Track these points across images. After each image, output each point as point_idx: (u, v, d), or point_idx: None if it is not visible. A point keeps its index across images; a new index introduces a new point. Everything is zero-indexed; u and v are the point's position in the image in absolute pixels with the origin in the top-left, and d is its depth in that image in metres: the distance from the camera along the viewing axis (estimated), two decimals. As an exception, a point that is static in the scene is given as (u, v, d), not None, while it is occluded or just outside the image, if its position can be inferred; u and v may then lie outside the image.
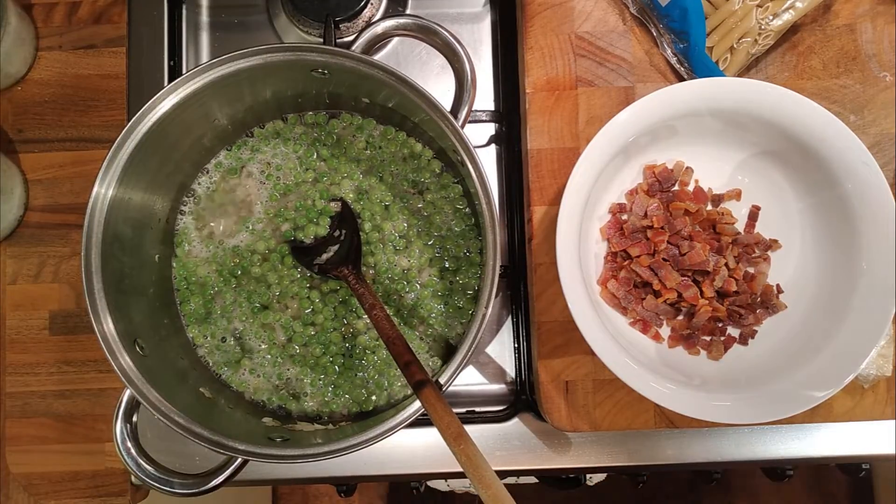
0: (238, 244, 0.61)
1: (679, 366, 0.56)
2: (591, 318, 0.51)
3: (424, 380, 0.42)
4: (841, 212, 0.54)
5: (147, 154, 0.52)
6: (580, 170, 0.53)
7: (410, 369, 0.45)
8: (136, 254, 0.56)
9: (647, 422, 0.59)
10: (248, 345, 0.60)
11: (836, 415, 0.59)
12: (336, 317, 0.60)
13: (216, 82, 0.52)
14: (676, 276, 0.55)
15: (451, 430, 0.37)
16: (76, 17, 0.68)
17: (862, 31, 0.62)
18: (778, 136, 0.54)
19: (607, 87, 0.62)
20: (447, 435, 0.37)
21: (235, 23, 0.71)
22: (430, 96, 0.51)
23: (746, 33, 0.59)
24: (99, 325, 0.50)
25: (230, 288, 0.60)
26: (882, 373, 0.57)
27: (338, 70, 0.53)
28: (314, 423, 0.57)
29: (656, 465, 0.62)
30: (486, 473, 0.35)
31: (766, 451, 0.61)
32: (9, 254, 0.66)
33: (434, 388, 0.40)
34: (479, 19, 0.70)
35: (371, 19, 0.68)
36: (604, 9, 0.63)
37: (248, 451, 0.49)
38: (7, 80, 0.67)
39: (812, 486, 1.44)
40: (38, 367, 0.65)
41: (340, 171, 0.61)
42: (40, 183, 0.67)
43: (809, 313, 0.56)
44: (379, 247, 0.60)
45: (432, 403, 0.40)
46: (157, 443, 0.62)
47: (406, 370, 0.46)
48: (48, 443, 0.64)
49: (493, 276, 0.50)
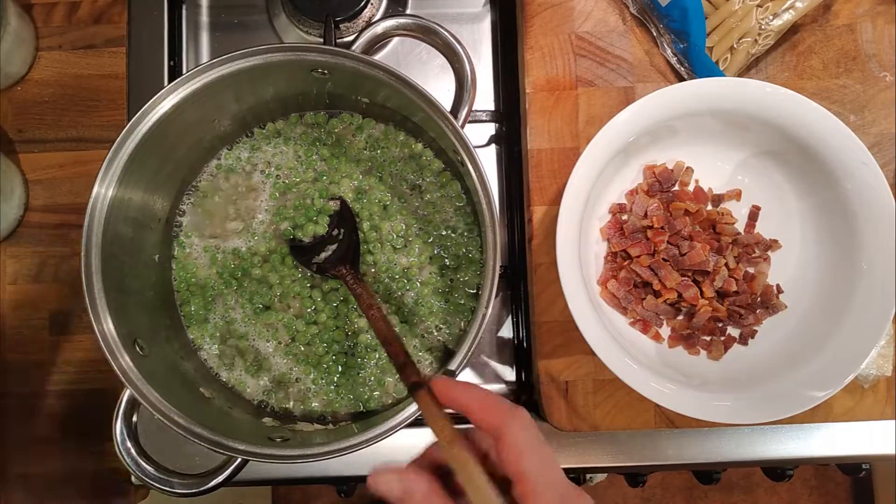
0: (238, 245, 0.61)
1: (679, 366, 0.56)
2: (591, 318, 0.51)
3: (419, 382, 0.42)
4: (841, 212, 0.54)
5: (147, 154, 0.52)
6: (580, 170, 0.53)
7: (406, 371, 0.45)
8: (136, 254, 0.56)
9: (647, 422, 0.59)
10: (250, 345, 0.60)
11: (836, 415, 0.59)
12: (338, 315, 0.60)
13: (216, 82, 0.52)
14: (676, 276, 0.55)
15: (444, 434, 0.38)
16: (76, 17, 0.68)
17: (862, 31, 0.62)
18: (778, 136, 0.54)
19: (607, 87, 0.62)
20: (441, 438, 0.38)
21: (235, 23, 0.71)
22: (430, 96, 0.51)
23: (746, 33, 0.59)
24: (99, 325, 0.50)
25: (231, 289, 0.60)
26: (882, 373, 0.57)
27: (338, 70, 0.53)
28: (314, 423, 0.57)
29: (656, 465, 0.62)
30: (479, 481, 0.35)
31: (766, 451, 0.61)
32: (9, 254, 0.66)
33: (428, 391, 0.41)
34: (479, 19, 0.70)
35: (371, 19, 0.68)
36: (604, 9, 0.63)
37: (248, 451, 0.49)
38: (7, 80, 0.67)
39: (812, 486, 1.44)
40: (38, 367, 0.65)
41: (340, 170, 0.61)
42: (40, 183, 0.67)
43: (809, 313, 0.56)
44: (378, 246, 0.60)
45: (427, 406, 0.40)
46: (157, 443, 0.62)
47: (402, 371, 0.46)
48: (48, 443, 0.64)
49: (493, 276, 0.50)
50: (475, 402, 0.38)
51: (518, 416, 0.36)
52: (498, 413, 0.36)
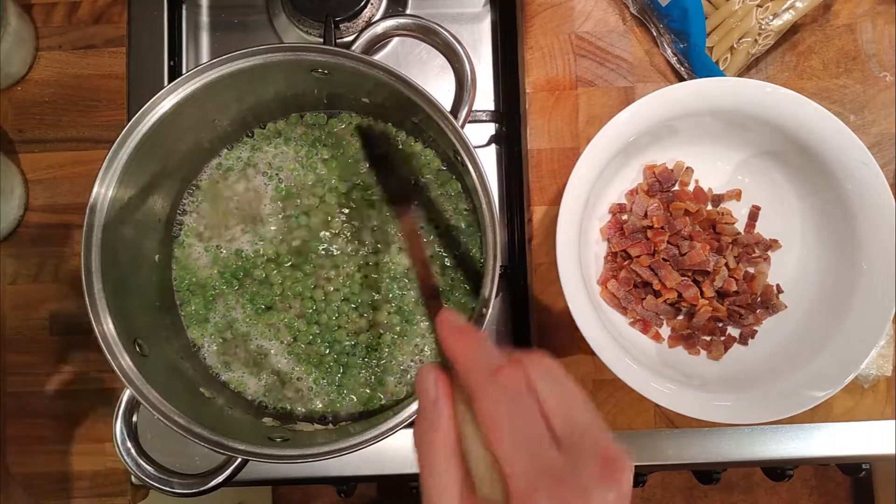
0: (239, 245, 0.61)
1: (679, 366, 0.56)
2: (591, 318, 0.51)
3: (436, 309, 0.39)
4: (841, 212, 0.54)
5: (147, 154, 0.52)
6: (580, 170, 0.53)
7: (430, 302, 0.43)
8: (136, 254, 0.56)
9: (647, 422, 0.59)
10: (251, 345, 0.60)
11: (836, 415, 0.59)
12: (339, 314, 0.60)
13: (216, 82, 0.52)
14: (676, 276, 0.55)
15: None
16: (76, 17, 0.68)
17: (862, 31, 0.62)
18: (778, 136, 0.54)
19: (607, 87, 0.62)
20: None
21: (235, 23, 0.71)
22: (430, 96, 0.51)
23: (746, 33, 0.59)
24: (99, 325, 0.50)
25: (232, 289, 0.60)
26: (882, 373, 0.57)
27: (338, 70, 0.53)
28: (315, 424, 0.57)
29: (656, 465, 0.62)
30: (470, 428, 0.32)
31: (766, 451, 0.61)
32: (9, 254, 0.66)
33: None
34: (479, 19, 0.70)
35: (371, 19, 0.68)
36: (604, 9, 0.63)
37: (248, 451, 0.49)
38: (7, 80, 0.67)
39: (812, 486, 1.44)
40: (38, 367, 0.65)
41: (340, 170, 0.61)
42: (40, 183, 0.67)
43: (809, 313, 0.56)
44: (382, 246, 0.60)
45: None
46: (157, 443, 0.62)
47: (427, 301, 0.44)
48: (48, 443, 0.64)
49: (494, 276, 0.50)
50: (459, 358, 0.34)
51: (494, 386, 0.31)
52: (473, 378, 0.32)
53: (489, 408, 0.31)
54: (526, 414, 0.31)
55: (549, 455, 0.29)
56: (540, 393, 0.31)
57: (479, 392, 0.31)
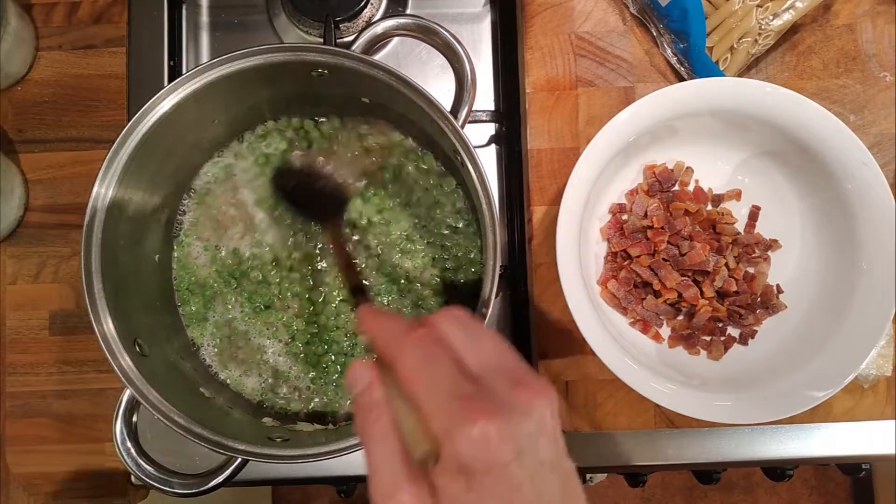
0: (238, 246, 0.61)
1: (679, 366, 0.56)
2: (591, 318, 0.51)
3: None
4: (841, 212, 0.54)
5: (147, 154, 0.52)
6: (580, 170, 0.53)
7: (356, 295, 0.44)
8: (136, 254, 0.56)
9: (647, 422, 0.59)
10: (250, 344, 0.60)
11: (836, 415, 0.59)
12: (338, 315, 0.60)
13: (216, 82, 0.52)
14: (676, 276, 0.55)
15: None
16: (76, 17, 0.68)
17: (862, 31, 0.62)
18: (778, 136, 0.54)
19: (607, 87, 0.62)
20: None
21: (235, 23, 0.71)
22: (430, 96, 0.51)
23: (746, 33, 0.59)
24: (99, 325, 0.50)
25: (230, 289, 0.60)
26: (882, 373, 0.57)
27: (338, 70, 0.53)
28: (314, 424, 0.57)
29: (656, 465, 0.62)
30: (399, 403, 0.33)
31: (766, 451, 0.61)
32: (9, 254, 0.66)
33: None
34: (479, 19, 0.70)
35: (371, 19, 0.68)
36: (604, 9, 0.63)
37: (248, 451, 0.49)
38: (7, 80, 0.67)
39: (812, 486, 1.45)
40: (38, 367, 0.65)
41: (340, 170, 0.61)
42: (40, 183, 0.67)
43: (809, 313, 0.56)
44: (379, 250, 0.60)
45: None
46: (157, 443, 0.62)
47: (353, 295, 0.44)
48: (48, 443, 0.64)
49: (493, 276, 0.50)
50: (377, 334, 0.35)
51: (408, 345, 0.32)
52: (391, 349, 0.33)
53: (405, 365, 0.32)
54: (438, 360, 0.32)
55: (464, 388, 0.30)
56: (452, 342, 0.33)
57: (397, 358, 0.33)
